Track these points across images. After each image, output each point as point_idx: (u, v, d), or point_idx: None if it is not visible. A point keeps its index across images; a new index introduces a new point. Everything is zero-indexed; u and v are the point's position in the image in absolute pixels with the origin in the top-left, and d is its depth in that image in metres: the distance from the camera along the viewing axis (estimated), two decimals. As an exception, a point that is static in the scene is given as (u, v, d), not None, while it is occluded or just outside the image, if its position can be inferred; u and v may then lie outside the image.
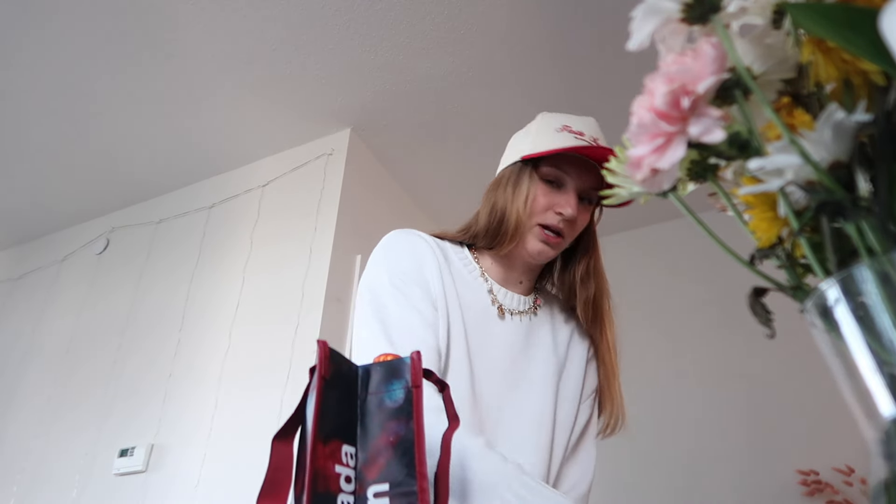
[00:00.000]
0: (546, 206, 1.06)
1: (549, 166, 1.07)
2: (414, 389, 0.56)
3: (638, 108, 0.38)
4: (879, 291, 0.29)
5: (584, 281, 1.14)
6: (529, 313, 1.14)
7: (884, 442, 0.29)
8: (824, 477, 2.31)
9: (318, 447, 0.51)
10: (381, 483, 0.51)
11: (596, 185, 1.08)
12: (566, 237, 1.08)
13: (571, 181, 1.07)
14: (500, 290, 1.13)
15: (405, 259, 1.05)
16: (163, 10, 2.17)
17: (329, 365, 0.55)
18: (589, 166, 1.07)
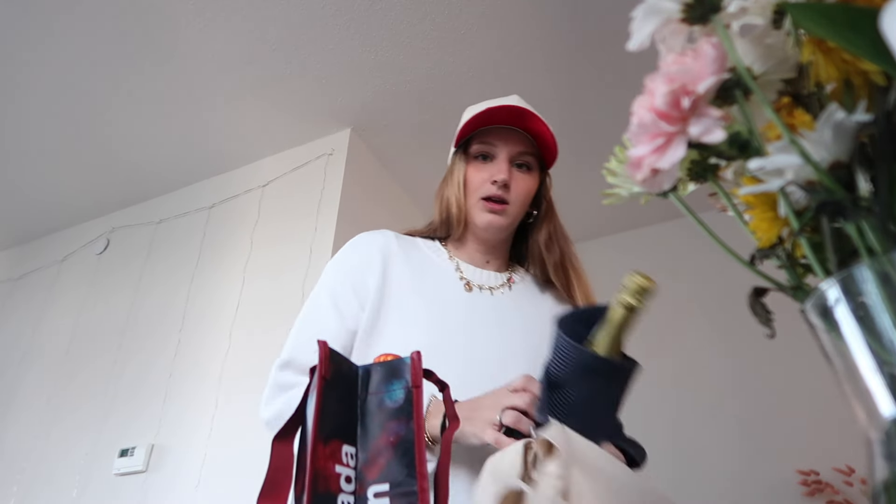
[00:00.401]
0: (482, 179, 1.12)
1: (477, 143, 1.14)
2: (414, 389, 0.56)
3: (638, 108, 0.38)
4: (880, 291, 0.29)
5: (549, 247, 1.17)
6: (503, 288, 1.16)
7: (884, 442, 0.29)
8: (825, 477, 2.31)
9: (319, 447, 0.51)
10: (381, 483, 0.51)
11: (525, 149, 1.14)
12: (511, 203, 1.12)
13: (499, 150, 1.13)
14: (469, 268, 1.16)
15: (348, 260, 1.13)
16: (163, 10, 2.17)
17: (329, 365, 0.55)
18: (516, 134, 1.13)
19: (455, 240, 1.19)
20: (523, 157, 1.14)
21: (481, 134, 1.14)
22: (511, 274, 1.20)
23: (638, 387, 0.96)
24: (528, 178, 1.15)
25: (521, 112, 1.11)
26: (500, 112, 1.11)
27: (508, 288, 1.17)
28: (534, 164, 1.16)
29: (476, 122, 1.12)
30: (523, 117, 1.12)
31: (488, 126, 1.14)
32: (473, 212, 1.13)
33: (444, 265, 1.15)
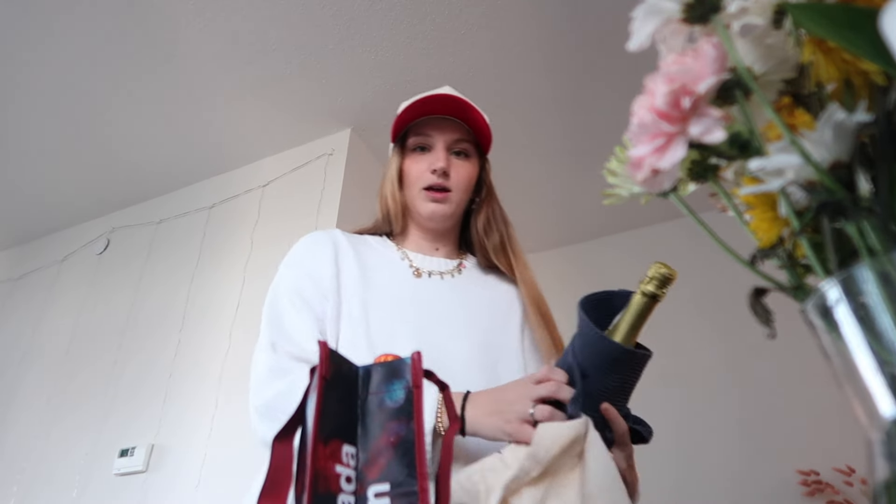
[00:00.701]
0: (421, 170, 1.14)
1: (413, 136, 1.16)
2: (414, 390, 0.56)
3: (638, 109, 0.38)
4: (880, 291, 0.29)
5: (487, 231, 1.18)
6: (454, 272, 1.16)
7: (884, 442, 0.29)
8: (825, 477, 2.31)
9: (319, 447, 0.51)
10: (381, 483, 0.52)
11: (462, 136, 1.15)
12: (453, 191, 1.14)
13: (435, 139, 1.14)
14: (417, 256, 1.17)
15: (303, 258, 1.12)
16: (163, 10, 2.17)
17: (329, 365, 0.55)
18: (452, 123, 1.14)
19: (398, 234, 1.21)
20: (460, 145, 1.15)
21: (416, 126, 1.16)
22: (462, 260, 1.21)
23: (638, 386, 0.96)
24: (468, 164, 1.16)
25: (454, 101, 1.12)
26: (433, 103, 1.12)
27: (459, 272, 1.17)
28: (471, 150, 1.17)
29: (410, 115, 1.14)
30: (457, 106, 1.12)
31: (422, 118, 1.15)
32: (417, 203, 1.15)
33: (391, 256, 1.16)
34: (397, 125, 1.16)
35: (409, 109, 1.14)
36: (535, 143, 2.75)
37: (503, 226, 1.20)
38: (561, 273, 3.39)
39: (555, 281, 3.36)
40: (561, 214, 3.24)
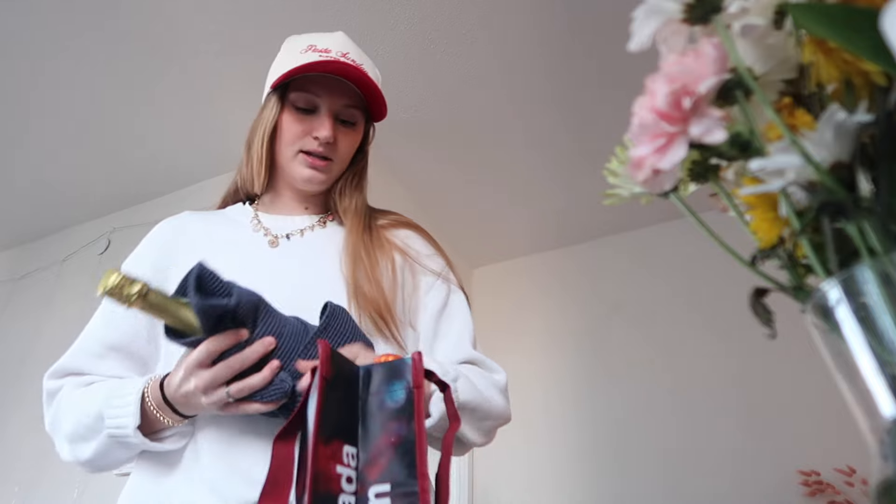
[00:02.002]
0: (302, 132, 1.05)
1: (297, 91, 1.05)
2: (415, 390, 0.56)
3: (639, 109, 0.38)
4: (881, 292, 0.29)
5: (342, 194, 1.12)
6: (316, 227, 1.10)
7: (885, 442, 0.29)
8: (825, 477, 2.31)
9: (320, 448, 0.51)
10: (382, 483, 0.52)
11: (350, 102, 1.06)
12: (335, 161, 1.07)
13: (323, 103, 1.05)
14: (278, 219, 1.10)
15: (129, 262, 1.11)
16: (164, 10, 2.17)
17: (330, 366, 0.55)
18: (341, 85, 1.05)
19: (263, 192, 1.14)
20: (348, 111, 1.07)
21: (302, 80, 1.05)
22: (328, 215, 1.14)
23: (639, 387, 0.96)
24: (353, 132, 1.09)
25: (348, 67, 1.01)
26: (325, 64, 1.02)
27: (322, 225, 1.11)
28: (358, 116, 1.09)
29: (300, 71, 1.02)
30: (352, 72, 1.02)
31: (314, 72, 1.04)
32: (292, 164, 1.07)
33: (245, 228, 1.09)
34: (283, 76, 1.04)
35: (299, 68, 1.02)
36: (536, 144, 2.74)
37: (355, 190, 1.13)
38: (561, 273, 3.39)
39: (555, 281, 3.37)
40: (561, 215, 3.24)
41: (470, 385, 0.92)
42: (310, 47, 1.06)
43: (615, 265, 3.28)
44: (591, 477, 2.82)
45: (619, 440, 2.84)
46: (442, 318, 1.07)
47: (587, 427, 2.93)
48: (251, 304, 0.77)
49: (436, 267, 1.11)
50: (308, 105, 1.05)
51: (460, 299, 1.11)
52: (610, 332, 3.10)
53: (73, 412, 0.92)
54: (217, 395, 0.76)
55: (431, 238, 1.17)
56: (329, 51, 1.05)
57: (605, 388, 2.99)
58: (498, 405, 0.97)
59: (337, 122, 1.06)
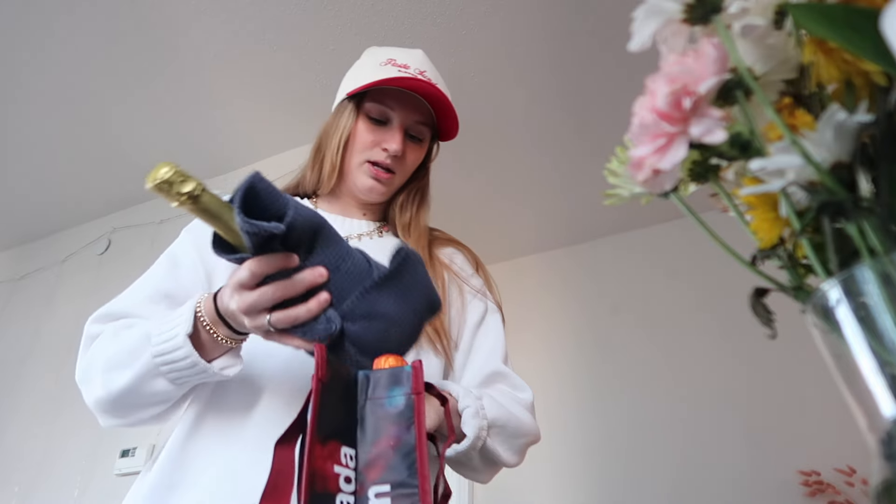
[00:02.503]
0: (373, 142, 1.07)
1: (373, 102, 1.07)
2: (415, 396, 0.57)
3: (640, 109, 0.38)
4: (881, 292, 0.29)
5: (403, 209, 1.14)
6: (373, 234, 1.13)
7: (885, 442, 0.29)
8: (826, 477, 2.31)
9: (317, 448, 0.52)
10: (382, 484, 0.52)
11: (421, 118, 1.09)
12: (398, 174, 1.09)
13: (396, 116, 1.07)
14: (338, 219, 1.12)
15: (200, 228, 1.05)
16: (163, 10, 2.17)
17: (327, 369, 0.55)
18: (415, 101, 1.07)
19: (326, 195, 1.15)
20: (418, 128, 1.10)
21: (378, 92, 1.07)
22: (386, 224, 1.17)
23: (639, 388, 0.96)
24: (419, 149, 1.12)
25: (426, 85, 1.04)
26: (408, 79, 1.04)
27: (379, 235, 1.13)
28: (426, 134, 1.12)
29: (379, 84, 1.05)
30: (428, 91, 1.05)
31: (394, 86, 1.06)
32: (356, 173, 1.09)
33: None
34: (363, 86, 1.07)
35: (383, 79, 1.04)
36: (537, 144, 2.74)
37: (416, 209, 1.15)
38: (564, 273, 3.39)
39: (558, 281, 3.37)
40: (565, 214, 3.23)
41: (496, 403, 0.93)
42: (389, 61, 1.08)
43: (618, 265, 3.28)
44: (592, 477, 2.82)
45: (621, 440, 2.84)
46: (478, 333, 1.10)
47: (588, 426, 2.93)
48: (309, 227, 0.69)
49: (477, 284, 1.15)
50: (381, 117, 1.08)
51: (496, 318, 1.14)
52: (612, 332, 3.10)
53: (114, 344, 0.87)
54: (259, 321, 0.71)
55: (475, 256, 1.20)
56: (408, 67, 1.07)
57: (606, 387, 2.99)
58: (527, 422, 0.98)
59: (406, 137, 1.09)
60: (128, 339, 0.85)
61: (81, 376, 0.92)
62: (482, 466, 0.94)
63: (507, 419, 0.93)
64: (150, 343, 0.80)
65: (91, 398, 0.89)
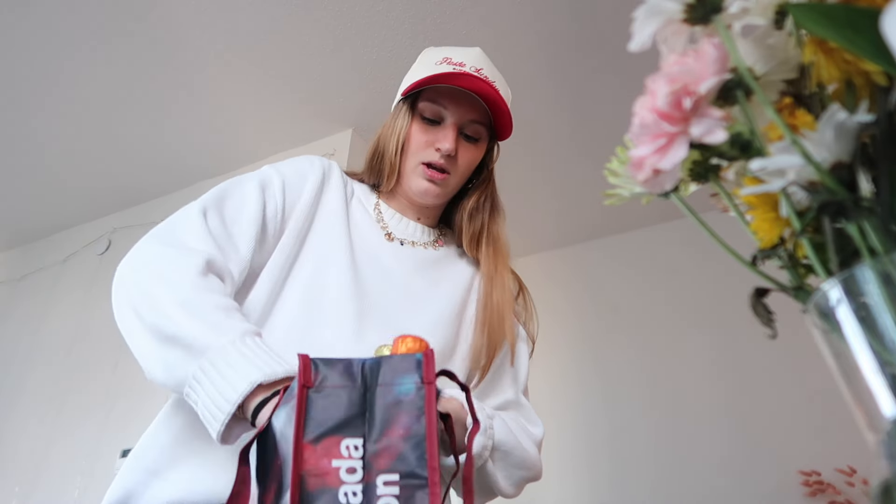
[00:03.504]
0: (426, 143, 1.05)
1: (427, 101, 1.05)
2: (426, 386, 0.56)
3: (640, 109, 0.38)
4: (881, 292, 0.29)
5: (472, 217, 1.11)
6: (429, 246, 1.10)
7: (886, 442, 0.29)
8: (826, 477, 2.31)
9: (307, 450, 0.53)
10: (391, 473, 0.53)
11: (477, 117, 1.05)
12: (452, 174, 1.06)
13: (450, 115, 1.04)
14: (395, 219, 1.10)
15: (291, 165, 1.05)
16: (163, 10, 2.17)
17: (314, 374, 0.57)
18: (469, 99, 1.04)
19: (387, 192, 1.13)
20: (473, 127, 1.06)
21: (432, 92, 1.05)
22: (441, 236, 1.14)
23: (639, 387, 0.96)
24: (475, 149, 1.08)
25: (480, 82, 1.01)
26: (458, 77, 1.01)
27: (434, 248, 1.11)
28: (483, 133, 1.08)
29: (431, 78, 1.03)
30: (482, 87, 1.01)
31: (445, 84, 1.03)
32: (411, 175, 1.07)
33: (369, 211, 1.09)
34: (415, 84, 1.06)
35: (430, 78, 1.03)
36: (536, 144, 2.74)
37: (490, 215, 1.13)
38: (558, 274, 3.39)
39: (551, 282, 3.36)
40: (559, 215, 3.23)
41: (506, 427, 0.91)
42: (444, 59, 1.07)
43: (613, 266, 3.28)
44: (587, 480, 2.82)
45: (617, 441, 2.84)
46: (506, 357, 1.07)
47: (582, 430, 2.93)
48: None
49: (517, 309, 1.12)
50: (434, 116, 1.05)
51: (525, 348, 1.11)
52: (607, 333, 3.10)
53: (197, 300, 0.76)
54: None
55: (519, 280, 1.17)
56: (463, 65, 1.05)
57: (601, 389, 2.99)
58: (533, 456, 0.96)
59: (461, 136, 1.06)
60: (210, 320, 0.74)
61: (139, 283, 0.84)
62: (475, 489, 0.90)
63: (514, 447, 0.91)
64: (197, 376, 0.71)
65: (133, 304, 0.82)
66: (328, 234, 0.99)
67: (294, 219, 0.98)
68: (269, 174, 1.01)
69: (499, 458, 0.89)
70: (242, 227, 0.91)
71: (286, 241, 0.95)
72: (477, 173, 1.14)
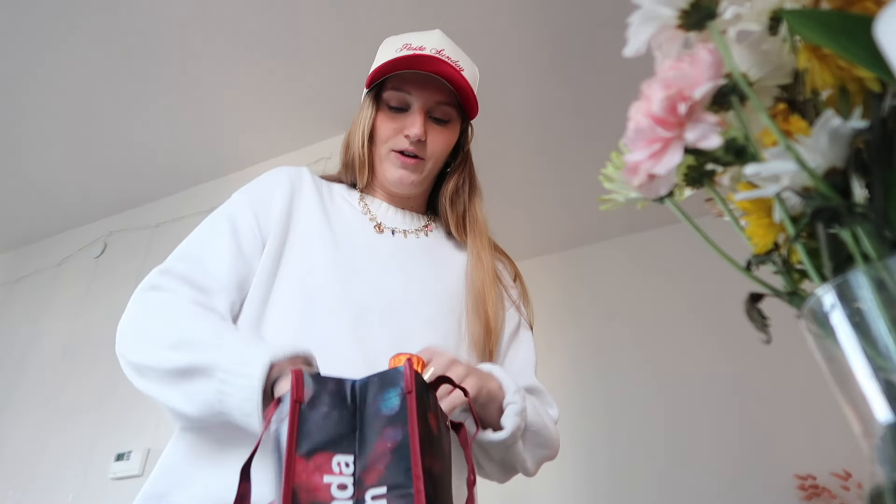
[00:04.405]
0: (395, 130, 1.04)
1: (391, 90, 1.05)
2: (407, 395, 0.57)
3: (635, 114, 0.38)
4: (875, 297, 0.29)
5: (454, 200, 1.11)
6: (419, 233, 1.10)
7: (880, 447, 0.29)
8: (822, 481, 2.31)
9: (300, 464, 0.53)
10: (379, 486, 0.53)
11: (444, 99, 1.04)
12: (426, 159, 1.05)
13: (415, 100, 1.03)
14: (382, 209, 1.10)
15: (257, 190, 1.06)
16: (161, 12, 2.17)
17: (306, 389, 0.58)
18: (433, 81, 1.03)
19: (363, 188, 1.13)
20: (441, 109, 1.05)
21: (395, 80, 1.04)
22: (430, 221, 1.14)
23: (635, 392, 0.96)
24: (446, 131, 1.07)
25: (440, 63, 1.00)
26: (418, 61, 1.00)
27: (425, 234, 1.10)
28: (453, 114, 1.07)
29: (390, 66, 1.01)
30: (443, 68, 1.00)
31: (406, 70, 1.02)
32: (384, 164, 1.06)
33: (354, 205, 1.09)
34: (375, 74, 1.05)
35: (388, 64, 1.01)
36: (534, 148, 2.75)
37: (470, 196, 1.13)
38: (558, 277, 3.39)
39: (552, 285, 3.37)
40: (559, 219, 3.24)
41: (534, 410, 0.92)
42: (404, 46, 1.06)
43: (612, 270, 3.28)
44: (586, 483, 2.82)
45: (615, 445, 2.84)
46: (513, 343, 1.08)
47: (580, 433, 2.93)
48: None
49: (514, 296, 1.13)
50: (400, 103, 1.05)
51: (528, 334, 1.12)
52: (606, 337, 3.10)
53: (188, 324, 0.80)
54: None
55: (515, 267, 1.18)
56: (423, 48, 1.04)
57: (600, 393, 2.99)
58: (555, 436, 0.97)
59: (430, 120, 1.05)
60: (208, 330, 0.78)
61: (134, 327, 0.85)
62: (499, 467, 0.93)
63: (541, 427, 0.93)
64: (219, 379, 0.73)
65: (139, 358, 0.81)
66: (308, 238, 0.99)
67: (272, 234, 0.98)
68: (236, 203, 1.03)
69: (528, 439, 0.90)
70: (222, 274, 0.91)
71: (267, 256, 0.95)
72: (454, 157, 1.14)
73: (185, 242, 0.97)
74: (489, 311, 1.01)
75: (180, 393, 0.76)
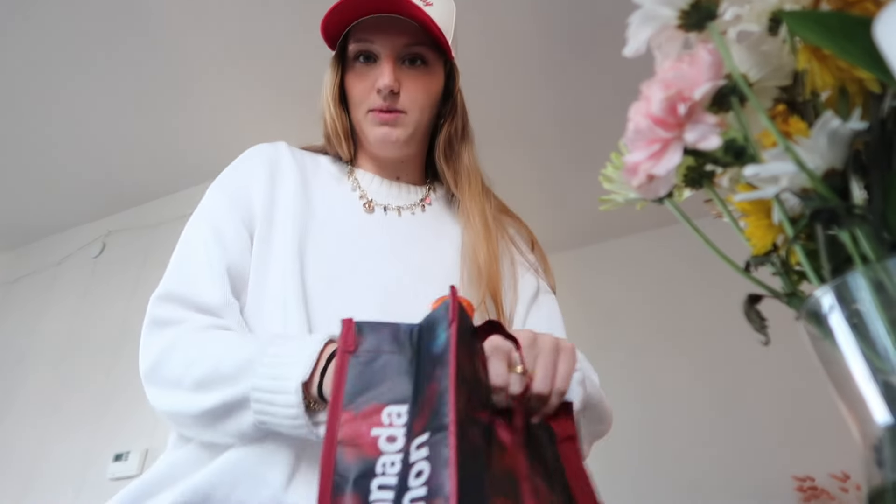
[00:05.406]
0: (367, 88, 0.93)
1: (354, 43, 0.94)
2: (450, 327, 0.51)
3: (635, 114, 0.38)
4: (873, 299, 0.29)
5: (447, 153, 1.00)
6: (415, 208, 0.99)
7: (878, 449, 0.29)
8: (820, 483, 2.31)
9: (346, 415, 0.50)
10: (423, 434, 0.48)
11: (412, 40, 0.92)
12: (407, 111, 0.93)
13: (381, 48, 0.92)
14: (373, 185, 0.99)
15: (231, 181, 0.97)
16: (159, 13, 2.17)
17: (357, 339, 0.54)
18: (396, 23, 0.91)
19: (353, 159, 1.03)
20: (411, 50, 0.92)
21: (356, 29, 0.92)
22: (428, 192, 1.03)
23: (634, 393, 0.96)
24: (424, 74, 0.94)
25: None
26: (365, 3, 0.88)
27: (422, 208, 0.99)
28: (429, 55, 0.94)
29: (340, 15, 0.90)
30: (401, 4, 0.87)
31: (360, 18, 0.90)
32: (364, 127, 0.95)
33: (342, 182, 0.99)
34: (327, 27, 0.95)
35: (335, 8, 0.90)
36: (533, 149, 2.75)
37: (463, 145, 1.01)
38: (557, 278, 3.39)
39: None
40: (553, 220, 3.24)
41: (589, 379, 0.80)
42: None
43: (611, 270, 3.28)
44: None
45: (612, 447, 2.84)
46: (532, 308, 0.98)
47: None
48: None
49: (531, 260, 1.02)
50: (368, 52, 0.93)
51: (551, 297, 1.02)
52: (604, 338, 3.10)
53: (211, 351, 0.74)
54: None
55: (531, 234, 1.07)
56: None
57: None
58: (609, 409, 0.86)
59: (403, 66, 0.93)
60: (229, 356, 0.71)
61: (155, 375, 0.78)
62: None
63: (600, 399, 0.81)
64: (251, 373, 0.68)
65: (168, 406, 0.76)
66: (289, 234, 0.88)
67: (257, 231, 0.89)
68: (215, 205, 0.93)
69: (587, 413, 0.78)
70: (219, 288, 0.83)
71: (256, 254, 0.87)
72: (444, 103, 1.01)
73: (175, 261, 0.88)
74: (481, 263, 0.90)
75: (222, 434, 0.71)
